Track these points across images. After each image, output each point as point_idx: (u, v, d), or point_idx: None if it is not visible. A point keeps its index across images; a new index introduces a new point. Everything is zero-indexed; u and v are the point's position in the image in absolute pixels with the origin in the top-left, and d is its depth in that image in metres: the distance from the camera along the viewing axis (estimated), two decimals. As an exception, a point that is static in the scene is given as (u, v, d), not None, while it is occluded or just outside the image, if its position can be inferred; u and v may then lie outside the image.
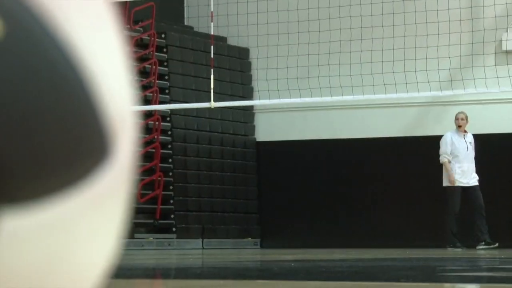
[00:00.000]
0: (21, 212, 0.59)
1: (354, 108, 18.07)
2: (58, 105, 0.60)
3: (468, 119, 15.14)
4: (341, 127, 18.37)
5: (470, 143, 15.28)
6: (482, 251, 14.17)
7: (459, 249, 14.98)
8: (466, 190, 15.52)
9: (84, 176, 0.62)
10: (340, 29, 17.49)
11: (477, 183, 15.33)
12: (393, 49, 17.07)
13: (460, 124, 15.19)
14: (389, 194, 17.69)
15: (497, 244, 14.90)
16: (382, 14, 17.19)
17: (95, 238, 0.65)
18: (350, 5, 16.98)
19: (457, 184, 15.29)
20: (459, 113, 15.27)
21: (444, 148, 15.33)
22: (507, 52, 17.82)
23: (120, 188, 0.67)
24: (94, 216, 0.63)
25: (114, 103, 0.64)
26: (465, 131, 15.23)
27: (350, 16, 17.29)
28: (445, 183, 15.45)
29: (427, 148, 17.44)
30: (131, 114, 0.68)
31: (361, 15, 17.34)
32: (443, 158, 15.44)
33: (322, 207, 18.51)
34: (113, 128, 0.64)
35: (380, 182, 17.81)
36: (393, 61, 16.88)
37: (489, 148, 14.89)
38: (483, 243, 15.07)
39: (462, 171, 15.26)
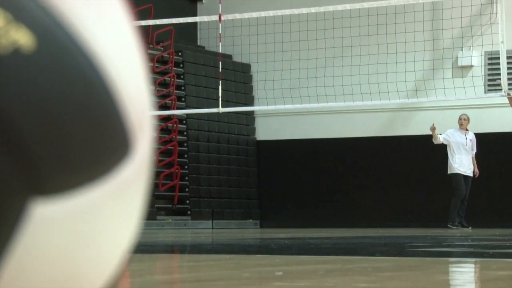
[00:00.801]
0: (51, 201, 0.58)
1: (336, 113, 17.96)
2: (86, 108, 0.59)
3: (470, 120, 14.91)
4: (326, 129, 18.29)
5: (471, 140, 14.96)
6: (455, 230, 13.83)
7: (456, 228, 14.76)
8: (464, 178, 15.19)
9: (109, 170, 0.61)
10: (325, 48, 17.40)
11: (471, 175, 15.09)
12: (369, 64, 17.00)
13: (461, 123, 14.84)
14: (366, 182, 17.59)
15: (470, 228, 14.64)
16: (359, 35, 17.12)
17: (118, 222, 0.64)
18: (333, 28, 16.88)
19: (457, 172, 14.91)
20: (462, 114, 14.98)
21: (444, 135, 14.76)
22: (462, 67, 17.74)
23: (140, 179, 0.65)
24: (117, 203, 0.63)
25: (134, 107, 0.63)
26: (467, 130, 14.91)
27: (333, 38, 17.20)
28: (450, 171, 15.07)
29: (397, 145, 17.39)
30: (149, 116, 0.67)
31: (342, 37, 17.26)
32: (440, 138, 14.95)
33: (311, 194, 18.39)
34: (134, 128, 0.63)
35: (358, 172, 17.71)
36: (369, 74, 16.82)
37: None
38: (457, 224, 14.45)
39: (461, 162, 14.92)
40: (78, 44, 0.60)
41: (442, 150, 14.68)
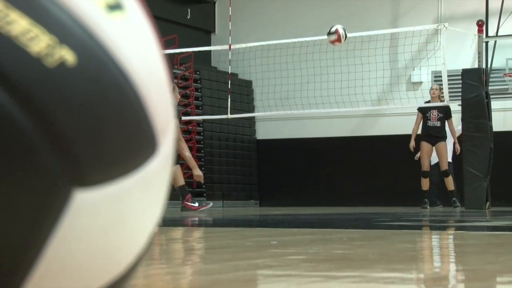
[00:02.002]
0: (91, 190, 0.56)
1: (318, 118, 18.00)
2: (121, 113, 0.57)
3: None
4: (310, 130, 18.33)
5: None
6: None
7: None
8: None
9: (139, 165, 0.60)
10: (309, 68, 17.45)
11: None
12: (342, 80, 17.02)
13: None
14: (342, 171, 17.67)
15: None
16: (335, 58, 17.17)
17: (145, 206, 0.62)
18: (317, 52, 16.91)
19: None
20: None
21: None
22: (413, 83, 17.78)
23: (164, 171, 0.64)
24: (145, 191, 0.60)
25: (159, 114, 0.61)
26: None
27: (317, 59, 17.23)
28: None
29: (364, 143, 17.42)
30: (171, 122, 0.65)
31: (320, 59, 17.27)
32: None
33: (299, 180, 18.46)
34: (159, 131, 0.61)
35: (336, 163, 17.79)
36: (341, 88, 16.87)
37: (405, 144, 14.83)
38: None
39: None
40: (113, 60, 0.58)
41: (399, 147, 14.58)
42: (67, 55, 0.55)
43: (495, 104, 13.86)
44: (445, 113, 13.24)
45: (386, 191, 16.90)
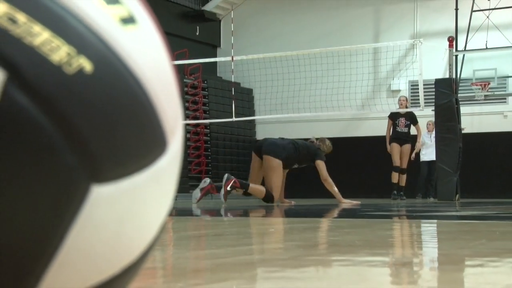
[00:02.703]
0: (107, 185, 0.56)
1: (311, 121, 18.00)
2: (134, 116, 0.57)
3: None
4: (303, 131, 18.32)
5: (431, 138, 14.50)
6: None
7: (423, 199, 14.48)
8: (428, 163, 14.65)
9: (150, 162, 0.59)
10: (302, 78, 17.46)
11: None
12: (330, 88, 17.01)
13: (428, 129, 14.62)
14: (330, 167, 17.64)
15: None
16: (326, 70, 17.17)
17: (156, 199, 0.61)
18: (305, 64, 16.91)
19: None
20: (429, 121, 14.89)
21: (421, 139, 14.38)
22: (392, 91, 17.81)
23: (173, 168, 0.63)
24: (156, 185, 0.60)
25: (168, 117, 0.60)
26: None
27: (310, 70, 17.24)
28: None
29: (350, 143, 17.45)
30: (179, 124, 0.64)
31: (311, 70, 17.28)
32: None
33: (292, 174, 18.46)
34: (168, 131, 0.61)
35: (327, 160, 17.83)
36: (330, 95, 16.84)
37: (385, 144, 14.84)
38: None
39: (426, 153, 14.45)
40: (127, 68, 0.57)
41: (380, 147, 14.57)
42: (85, 64, 0.54)
43: (463, 109, 13.87)
44: (411, 120, 13.62)
45: (369, 184, 16.90)
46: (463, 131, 13.15)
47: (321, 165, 10.23)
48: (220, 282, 1.44)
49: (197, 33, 19.67)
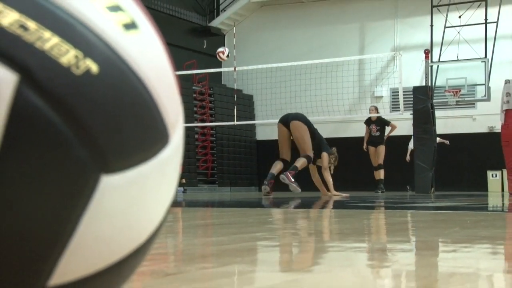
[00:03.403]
0: (114, 175, 0.54)
1: (316, 124, 18.07)
2: (138, 112, 0.56)
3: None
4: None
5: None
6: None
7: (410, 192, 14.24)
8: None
9: (154, 154, 0.58)
10: (300, 85, 17.47)
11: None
12: (322, 95, 17.03)
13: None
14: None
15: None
16: (316, 78, 17.16)
17: (160, 188, 0.60)
18: (300, 73, 16.92)
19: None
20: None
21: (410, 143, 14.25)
22: (376, 97, 17.83)
23: (175, 159, 0.61)
24: (159, 175, 0.59)
25: (169, 113, 0.59)
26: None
27: (304, 79, 17.24)
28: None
29: (339, 143, 17.35)
30: (180, 118, 0.62)
31: (305, 78, 17.28)
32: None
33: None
34: (169, 126, 0.59)
35: (341, 156, 17.97)
36: (321, 100, 16.85)
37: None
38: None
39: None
40: (130, 69, 0.56)
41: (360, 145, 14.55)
42: (91, 65, 0.53)
43: (438, 113, 13.88)
44: (382, 125, 13.89)
45: (355, 179, 16.88)
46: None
47: (325, 156, 10.44)
48: (224, 266, 1.42)
49: (204, 46, 19.66)
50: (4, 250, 0.51)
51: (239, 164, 19.22)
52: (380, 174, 13.91)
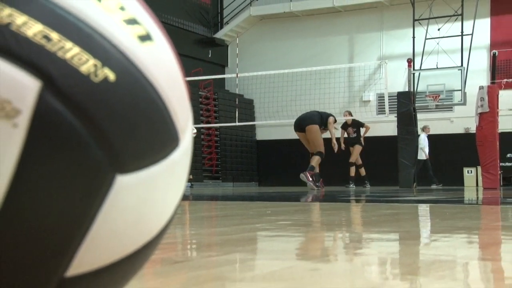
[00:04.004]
0: (128, 175, 0.54)
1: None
2: (151, 117, 0.55)
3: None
4: (294, 133, 18.36)
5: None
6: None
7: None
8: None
9: (165, 155, 0.57)
10: (296, 90, 17.46)
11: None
12: (315, 99, 17.01)
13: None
14: (326, 160, 17.76)
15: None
16: (310, 84, 17.15)
17: (170, 187, 0.59)
18: (296, 80, 16.90)
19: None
20: (425, 125, 15.19)
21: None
22: (364, 101, 17.81)
23: (184, 160, 0.60)
24: (170, 175, 0.58)
25: (179, 118, 0.58)
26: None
27: (300, 85, 17.23)
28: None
29: (329, 141, 17.47)
30: (189, 123, 0.61)
31: (301, 84, 17.26)
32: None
33: (285, 166, 18.46)
34: (180, 130, 0.58)
35: (329, 154, 17.94)
36: (315, 104, 16.83)
37: (370, 144, 14.85)
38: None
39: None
40: (145, 77, 0.55)
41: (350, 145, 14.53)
42: (109, 74, 0.52)
43: (419, 116, 13.87)
44: (357, 127, 13.92)
45: (344, 175, 16.84)
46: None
47: (331, 119, 10.97)
48: (228, 254, 1.41)
49: (209, 56, 19.65)
50: (27, 243, 0.50)
51: (240, 161, 19.19)
52: (352, 171, 14.01)
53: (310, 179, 10.16)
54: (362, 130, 14.01)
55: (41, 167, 0.49)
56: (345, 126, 14.04)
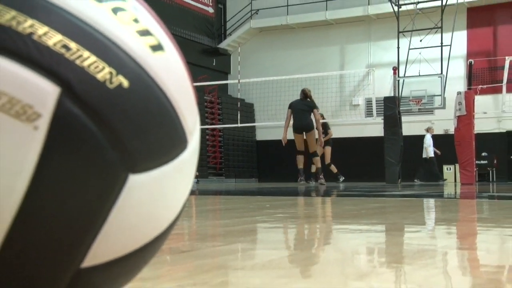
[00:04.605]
0: (140, 174, 0.53)
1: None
2: (161, 121, 0.54)
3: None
4: (291, 134, 18.35)
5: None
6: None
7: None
8: None
9: (175, 156, 0.56)
10: (292, 95, 17.43)
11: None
12: (318, 103, 17.01)
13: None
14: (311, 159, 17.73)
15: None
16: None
17: (179, 185, 0.58)
18: (292, 85, 16.87)
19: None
20: (429, 126, 15.01)
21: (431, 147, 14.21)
22: (354, 105, 17.78)
23: (192, 160, 0.60)
24: (179, 174, 0.57)
25: (187, 121, 0.57)
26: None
27: (296, 90, 17.21)
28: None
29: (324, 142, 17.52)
30: (197, 126, 0.61)
31: (297, 90, 17.24)
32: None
33: (282, 164, 18.44)
34: (188, 133, 0.58)
35: (308, 154, 17.85)
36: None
37: (349, 143, 14.81)
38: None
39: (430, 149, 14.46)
40: (156, 84, 0.54)
41: (345, 146, 14.51)
42: (123, 81, 0.52)
43: (404, 118, 13.85)
44: (326, 130, 13.87)
45: (329, 172, 16.82)
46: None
47: (315, 111, 10.88)
48: (230, 244, 1.40)
49: (214, 64, 19.65)
50: (47, 236, 0.50)
51: (242, 159, 19.18)
52: (333, 169, 13.80)
53: (323, 178, 10.38)
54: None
55: (59, 166, 0.49)
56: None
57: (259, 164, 19.73)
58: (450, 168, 15.98)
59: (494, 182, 14.42)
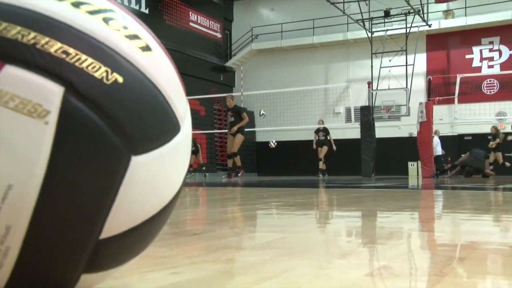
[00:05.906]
0: (141, 155, 0.52)
1: (289, 130, 17.93)
2: (155, 110, 0.52)
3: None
4: (285, 137, 18.27)
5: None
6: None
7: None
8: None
9: (169, 139, 0.54)
10: (285, 104, 17.40)
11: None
12: (301, 111, 16.95)
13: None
14: (304, 157, 17.64)
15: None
16: (297, 100, 17.10)
17: (176, 163, 0.56)
18: (286, 97, 16.84)
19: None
20: (436, 129, 14.87)
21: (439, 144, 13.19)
22: (336, 113, 17.79)
23: (186, 142, 0.58)
24: (174, 154, 0.55)
25: (178, 110, 0.55)
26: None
27: (289, 101, 17.17)
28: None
29: (310, 143, 17.46)
30: (187, 113, 0.58)
31: (289, 101, 17.20)
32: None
33: (279, 161, 18.41)
34: (180, 118, 0.56)
35: (300, 153, 17.80)
36: (299, 114, 16.77)
37: (340, 145, 14.80)
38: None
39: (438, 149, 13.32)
40: (148, 78, 0.53)
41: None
42: (118, 77, 0.51)
43: (376, 124, 13.84)
44: (326, 132, 13.64)
45: (314, 167, 16.79)
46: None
47: (244, 115, 9.93)
48: (234, 228, 1.39)
49: (221, 79, 19.61)
50: (67, 213, 0.49)
51: (244, 157, 19.08)
52: (320, 165, 13.59)
53: (239, 175, 9.86)
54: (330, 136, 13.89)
55: (70, 152, 0.48)
56: (317, 131, 13.97)
57: (258, 161, 19.73)
58: (413, 164, 16.02)
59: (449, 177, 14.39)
